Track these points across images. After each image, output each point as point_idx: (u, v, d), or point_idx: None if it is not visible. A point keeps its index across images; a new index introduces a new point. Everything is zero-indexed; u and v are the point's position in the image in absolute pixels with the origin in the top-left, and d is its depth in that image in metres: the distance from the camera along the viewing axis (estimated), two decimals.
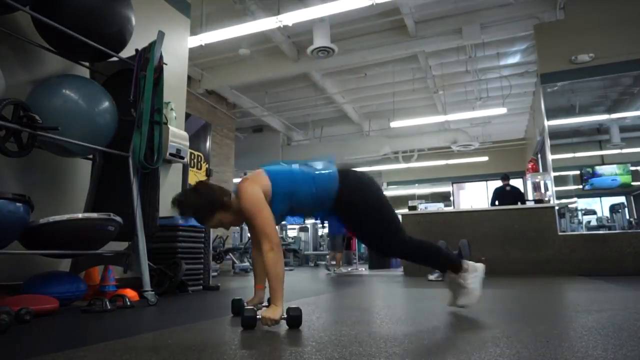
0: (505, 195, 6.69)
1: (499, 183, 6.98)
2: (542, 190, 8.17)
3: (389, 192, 14.84)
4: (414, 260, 2.05)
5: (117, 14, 2.85)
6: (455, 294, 2.01)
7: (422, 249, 2.01)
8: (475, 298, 1.93)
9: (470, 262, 1.98)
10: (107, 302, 2.34)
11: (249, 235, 13.28)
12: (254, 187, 1.82)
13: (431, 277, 4.89)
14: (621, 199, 6.73)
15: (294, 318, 1.71)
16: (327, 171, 1.90)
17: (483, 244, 5.56)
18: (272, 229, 1.77)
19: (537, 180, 8.76)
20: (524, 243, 5.44)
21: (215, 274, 6.56)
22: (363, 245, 10.58)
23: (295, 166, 1.94)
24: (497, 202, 6.61)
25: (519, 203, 6.28)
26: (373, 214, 1.93)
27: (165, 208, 3.85)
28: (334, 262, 7.41)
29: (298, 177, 1.89)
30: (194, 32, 5.64)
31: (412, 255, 2.04)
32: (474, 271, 1.96)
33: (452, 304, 2.02)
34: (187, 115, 5.30)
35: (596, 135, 7.12)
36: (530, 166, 8.80)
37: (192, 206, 1.89)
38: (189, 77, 6.88)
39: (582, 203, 6.91)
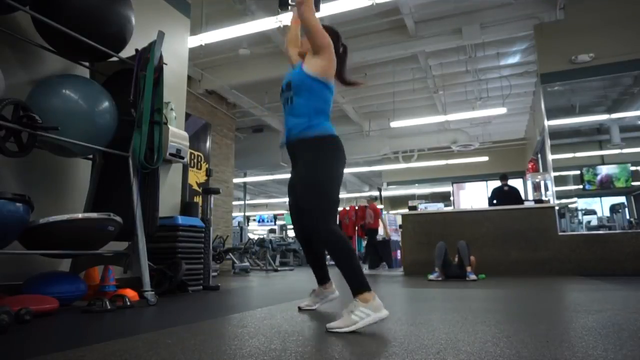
0: (504, 195, 6.69)
1: (498, 183, 6.99)
2: (542, 190, 8.17)
3: (389, 192, 14.83)
4: (333, 254, 1.87)
5: (117, 14, 2.84)
6: (321, 298, 2.15)
7: (346, 251, 1.86)
8: (347, 327, 1.64)
9: (378, 301, 1.73)
10: (107, 302, 2.34)
11: (249, 235, 13.30)
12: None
13: (431, 277, 4.90)
14: (621, 199, 6.73)
15: None
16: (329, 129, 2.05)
17: (483, 244, 5.57)
18: (318, 26, 1.99)
19: (537, 180, 8.77)
20: (524, 243, 5.44)
21: (215, 274, 6.56)
22: (363, 245, 10.57)
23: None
24: (495, 202, 6.62)
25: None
26: (319, 180, 1.94)
27: (165, 208, 3.87)
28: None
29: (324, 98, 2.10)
30: (194, 32, 5.64)
31: (334, 249, 1.88)
32: (373, 310, 1.68)
33: (311, 304, 2.11)
34: (187, 115, 5.30)
35: (596, 135, 7.12)
36: (530, 166, 8.82)
37: None
38: (189, 77, 6.87)
39: (582, 203, 6.91)
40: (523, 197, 7.54)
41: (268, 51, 7.48)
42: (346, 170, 14.09)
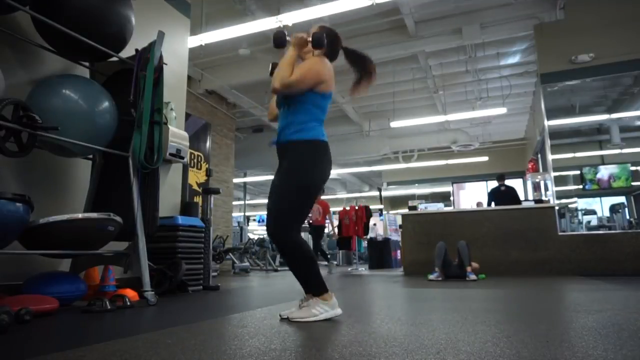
0: (502, 195, 6.69)
1: (496, 183, 7.00)
2: (542, 190, 8.16)
3: (389, 192, 14.83)
4: (290, 263, 1.95)
5: (117, 14, 2.85)
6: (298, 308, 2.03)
7: (304, 260, 1.92)
8: (307, 317, 1.88)
9: (335, 300, 1.94)
10: (107, 302, 2.34)
11: (249, 235, 13.29)
12: (325, 65, 2.07)
13: (431, 277, 4.90)
14: (621, 199, 6.73)
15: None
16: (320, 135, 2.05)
17: (483, 244, 5.57)
18: (297, 80, 1.97)
19: (537, 180, 8.77)
20: (524, 243, 5.44)
21: (215, 274, 6.55)
22: (364, 245, 10.56)
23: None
24: (493, 203, 6.62)
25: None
26: (294, 184, 1.94)
27: (165, 208, 3.87)
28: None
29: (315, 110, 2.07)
30: (194, 32, 5.63)
31: (290, 258, 1.95)
32: (330, 307, 1.91)
33: (286, 314, 1.98)
34: (187, 115, 5.30)
35: (596, 135, 7.11)
36: (530, 166, 8.81)
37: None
38: (189, 77, 6.87)
39: (582, 203, 6.90)
40: (522, 197, 7.54)
41: (268, 51, 7.47)
42: (346, 170, 13.99)
